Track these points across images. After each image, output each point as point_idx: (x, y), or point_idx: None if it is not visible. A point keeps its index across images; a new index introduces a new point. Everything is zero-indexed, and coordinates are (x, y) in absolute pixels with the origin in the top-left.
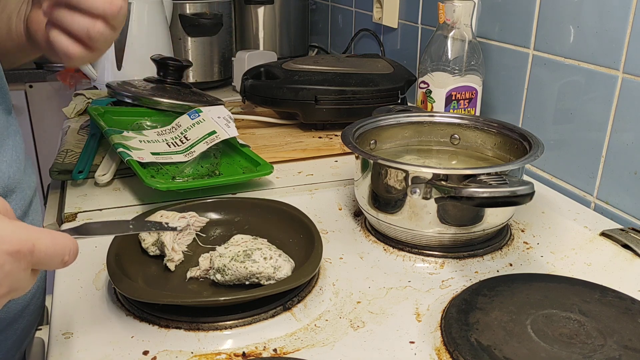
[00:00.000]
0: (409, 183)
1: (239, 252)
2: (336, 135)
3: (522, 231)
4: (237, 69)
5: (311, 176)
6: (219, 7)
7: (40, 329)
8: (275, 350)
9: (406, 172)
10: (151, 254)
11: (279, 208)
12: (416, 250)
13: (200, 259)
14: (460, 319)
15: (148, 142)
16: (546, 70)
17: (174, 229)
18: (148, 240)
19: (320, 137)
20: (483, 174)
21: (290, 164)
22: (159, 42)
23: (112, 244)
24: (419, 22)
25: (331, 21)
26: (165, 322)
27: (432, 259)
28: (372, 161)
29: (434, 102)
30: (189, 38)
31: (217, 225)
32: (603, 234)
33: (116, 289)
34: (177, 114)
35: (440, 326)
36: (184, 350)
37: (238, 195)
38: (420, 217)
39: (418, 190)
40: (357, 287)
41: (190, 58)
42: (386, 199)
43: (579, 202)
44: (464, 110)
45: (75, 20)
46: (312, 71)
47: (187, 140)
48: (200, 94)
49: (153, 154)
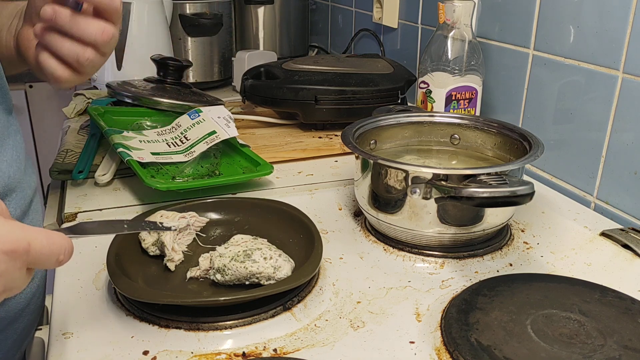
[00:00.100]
0: (409, 183)
1: (239, 252)
2: (336, 135)
3: (522, 231)
4: (237, 69)
5: (311, 176)
6: (219, 7)
7: (40, 329)
8: (275, 350)
9: (406, 172)
10: (151, 254)
11: (279, 208)
12: (416, 250)
13: (200, 259)
14: (460, 319)
15: (148, 142)
16: (546, 70)
17: (168, 228)
18: (148, 240)
19: (320, 137)
20: (483, 174)
21: (290, 164)
22: (159, 42)
23: (112, 244)
24: (419, 22)
25: (331, 21)
26: (165, 322)
27: (432, 259)
28: (372, 161)
29: (434, 102)
30: (189, 38)
31: (217, 225)
32: (603, 234)
33: (116, 289)
34: (177, 114)
35: (440, 326)
36: (184, 350)
37: (238, 195)
38: (420, 217)
39: (418, 190)
40: (357, 287)
41: (190, 58)
42: (386, 199)
43: (579, 202)
44: (464, 110)
45: (66, 45)
46: (312, 71)
47: (187, 140)
48: (200, 94)
49: (153, 154)
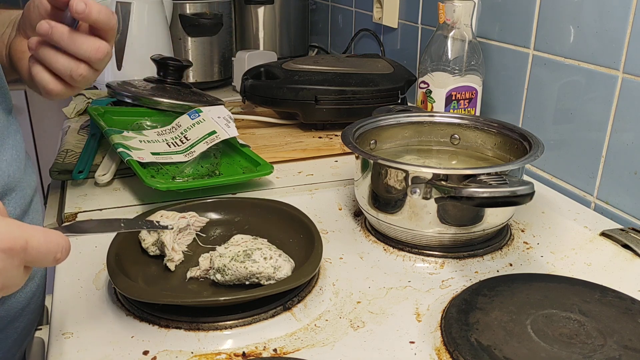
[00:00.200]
0: (409, 183)
1: (239, 252)
2: (336, 135)
3: (522, 231)
4: (237, 69)
5: (311, 176)
6: (219, 7)
7: (40, 329)
8: (275, 350)
9: (406, 172)
10: (151, 254)
11: (279, 208)
12: (416, 250)
13: (200, 259)
14: (460, 319)
15: (148, 142)
16: (546, 70)
17: (165, 227)
18: (148, 240)
19: (320, 137)
20: (483, 174)
21: (290, 164)
22: (159, 42)
23: (112, 243)
24: (419, 22)
25: (331, 21)
26: (165, 322)
27: (432, 259)
28: (372, 161)
29: (434, 102)
30: (189, 38)
31: (217, 225)
32: (603, 234)
33: (116, 289)
34: (177, 114)
35: (440, 326)
36: (184, 350)
37: (238, 195)
38: (420, 217)
39: (418, 190)
40: (357, 287)
41: (190, 58)
42: (386, 199)
43: (579, 202)
44: (464, 110)
45: (60, 60)
46: (312, 71)
47: (187, 140)
48: (200, 94)
49: (153, 154)
